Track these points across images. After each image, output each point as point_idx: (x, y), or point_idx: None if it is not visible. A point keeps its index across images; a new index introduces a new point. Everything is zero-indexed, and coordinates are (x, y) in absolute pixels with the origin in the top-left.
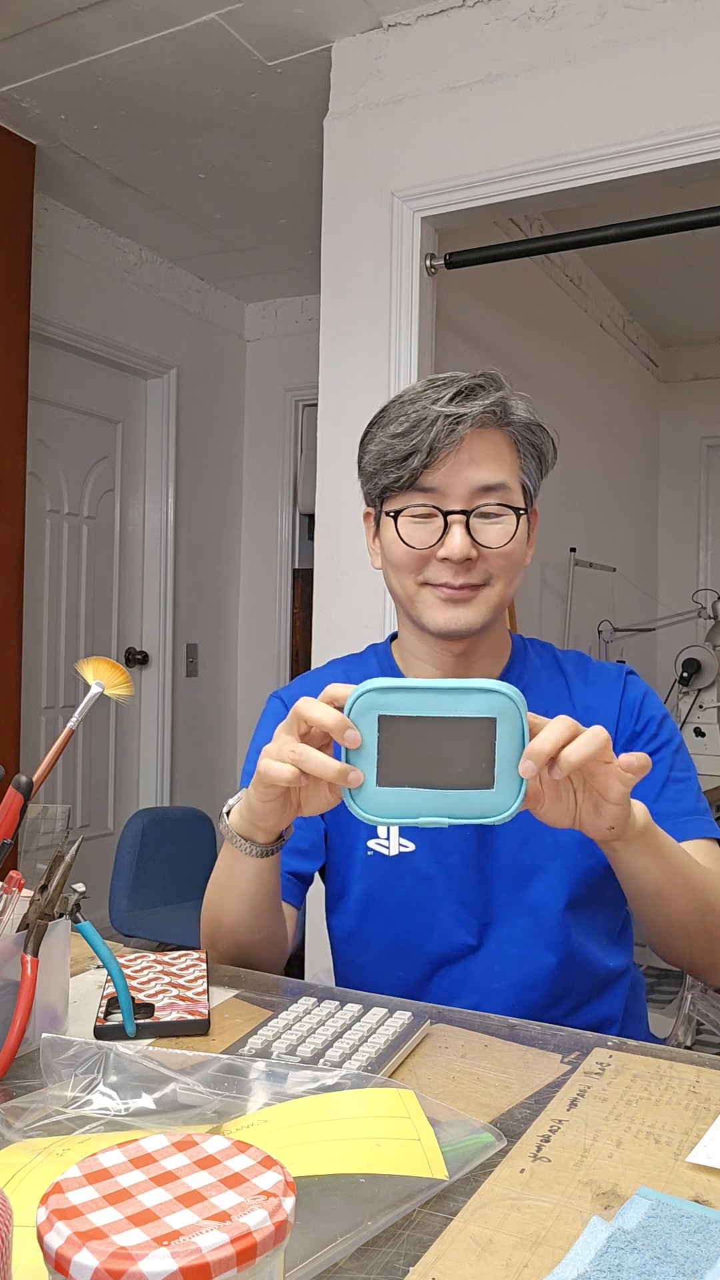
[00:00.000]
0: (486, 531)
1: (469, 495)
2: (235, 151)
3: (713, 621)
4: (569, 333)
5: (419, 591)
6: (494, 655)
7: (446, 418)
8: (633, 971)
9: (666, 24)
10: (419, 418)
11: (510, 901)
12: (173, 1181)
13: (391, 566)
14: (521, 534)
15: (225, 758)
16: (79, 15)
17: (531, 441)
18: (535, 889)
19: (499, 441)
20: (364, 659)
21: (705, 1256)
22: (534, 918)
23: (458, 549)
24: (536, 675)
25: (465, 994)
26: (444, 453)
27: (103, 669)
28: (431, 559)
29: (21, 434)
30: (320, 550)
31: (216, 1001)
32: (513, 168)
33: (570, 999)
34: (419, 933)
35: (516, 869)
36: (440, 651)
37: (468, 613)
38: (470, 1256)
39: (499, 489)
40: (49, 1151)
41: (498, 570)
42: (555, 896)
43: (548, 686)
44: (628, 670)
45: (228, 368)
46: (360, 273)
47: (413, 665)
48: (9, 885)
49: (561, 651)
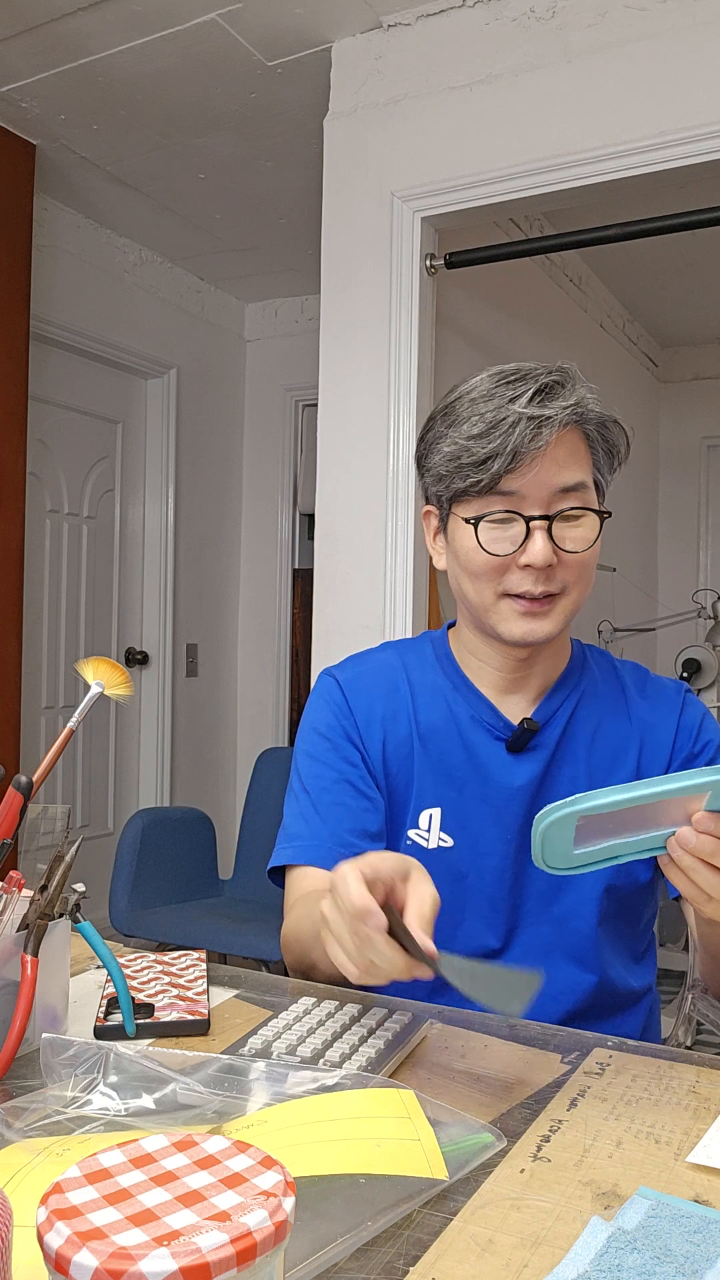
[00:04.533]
0: (568, 536)
1: (550, 499)
2: (235, 151)
3: (713, 621)
4: (569, 333)
5: (497, 602)
6: (555, 659)
7: (530, 420)
8: (652, 993)
9: (666, 24)
10: (498, 418)
11: (539, 909)
12: (173, 1181)
13: (468, 574)
14: (599, 538)
15: (225, 758)
16: (79, 15)
17: (606, 438)
18: (566, 901)
19: (576, 440)
20: (420, 648)
21: (705, 1256)
22: (560, 929)
23: (540, 556)
24: (595, 683)
25: None
26: (529, 457)
27: (103, 669)
28: (511, 566)
29: (21, 434)
30: (320, 550)
31: (216, 1001)
32: (513, 168)
33: (590, 1017)
34: (445, 930)
35: (550, 878)
36: (505, 656)
37: (545, 624)
38: (470, 1256)
39: (578, 489)
40: (49, 1151)
41: (574, 578)
42: (587, 911)
43: (605, 695)
44: (686, 689)
45: (228, 368)
46: (360, 273)
47: (470, 663)
48: (9, 885)
49: (619, 661)
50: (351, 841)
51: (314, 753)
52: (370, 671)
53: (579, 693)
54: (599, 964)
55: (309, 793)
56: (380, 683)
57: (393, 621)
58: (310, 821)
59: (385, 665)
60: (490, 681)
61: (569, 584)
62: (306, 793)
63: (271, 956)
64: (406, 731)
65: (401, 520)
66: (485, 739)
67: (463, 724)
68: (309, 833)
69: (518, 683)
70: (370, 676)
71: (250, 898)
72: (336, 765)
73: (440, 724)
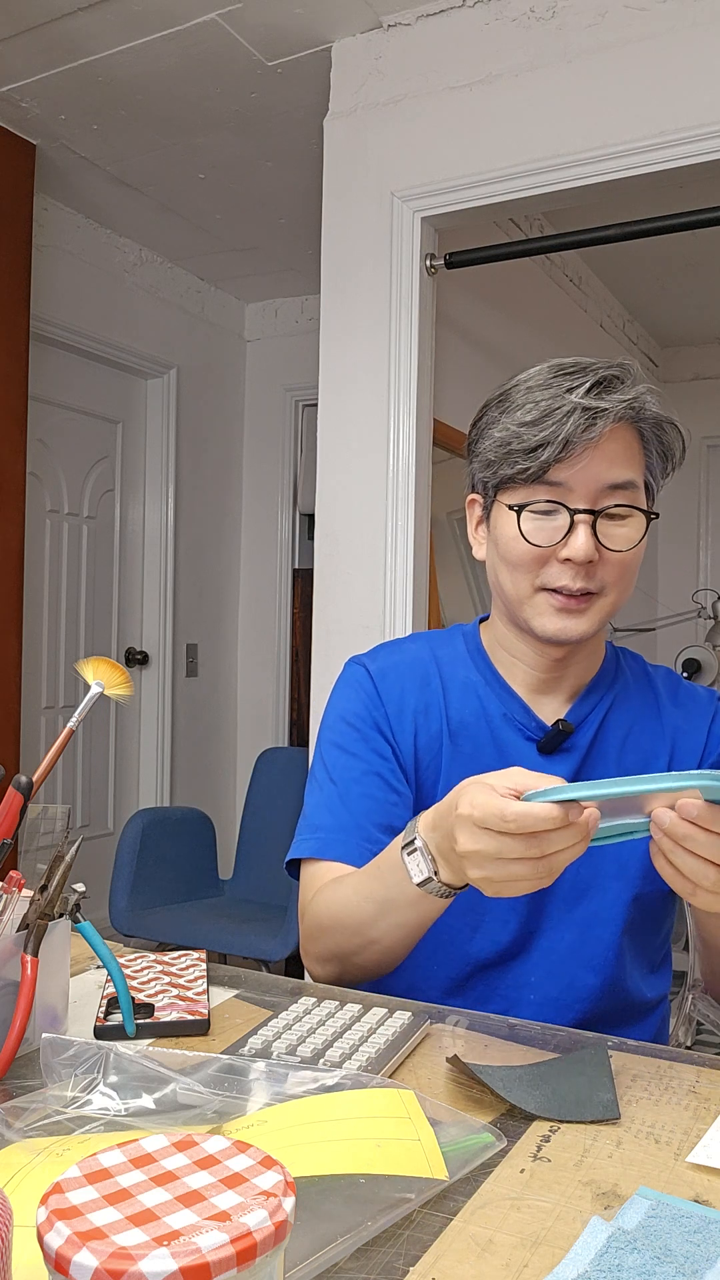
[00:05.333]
0: (612, 534)
1: (597, 494)
2: (235, 151)
3: (713, 621)
4: (569, 333)
5: (533, 596)
6: (589, 660)
7: (585, 410)
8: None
9: (666, 24)
10: (552, 406)
11: (561, 914)
12: (173, 1181)
13: (506, 563)
14: (644, 539)
15: (225, 758)
16: (79, 15)
17: (661, 439)
18: (589, 905)
19: (630, 438)
20: (451, 640)
21: (705, 1256)
22: (582, 935)
23: (582, 550)
24: (627, 687)
25: (495, 1000)
26: (580, 448)
27: (103, 669)
28: (551, 559)
29: (21, 434)
30: (320, 550)
31: (216, 1001)
32: (513, 168)
33: (605, 1024)
34: (464, 931)
35: (575, 882)
36: (540, 653)
37: (580, 623)
38: (470, 1256)
39: (627, 488)
40: (49, 1151)
41: (614, 579)
42: (611, 916)
43: (637, 700)
44: (718, 696)
45: (228, 368)
46: (360, 273)
47: (504, 659)
48: (9, 885)
49: (652, 666)
50: (377, 836)
51: (342, 743)
52: (402, 663)
53: (612, 695)
54: (616, 973)
55: (336, 783)
56: (413, 674)
57: (393, 621)
58: (336, 813)
59: (417, 657)
60: (523, 679)
61: (608, 584)
62: (334, 783)
63: (271, 956)
64: (438, 726)
65: (401, 520)
66: (516, 738)
67: (494, 722)
68: (334, 824)
69: (551, 683)
70: (402, 668)
71: (250, 898)
72: (366, 756)
73: (472, 720)
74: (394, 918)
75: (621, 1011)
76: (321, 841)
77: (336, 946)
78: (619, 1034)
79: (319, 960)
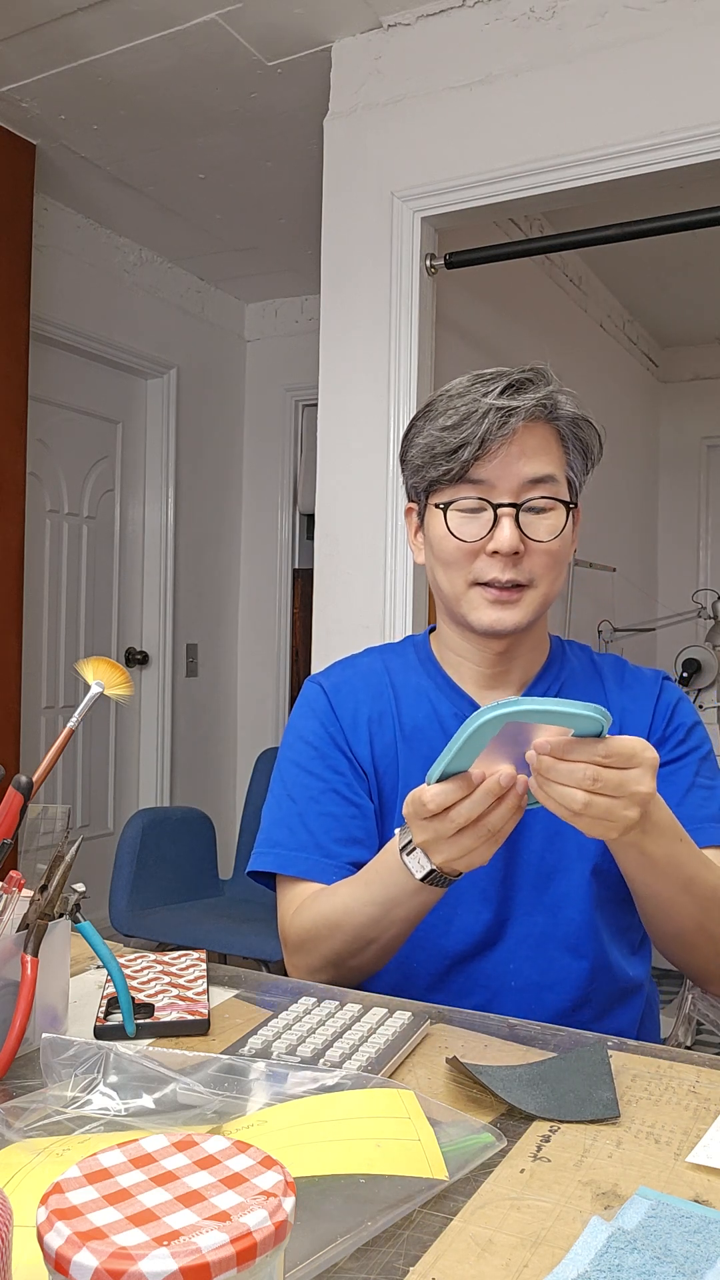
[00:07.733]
0: (535, 525)
1: (518, 488)
2: (235, 151)
3: (713, 621)
4: (569, 333)
5: (468, 591)
6: (534, 654)
7: (498, 410)
8: (649, 985)
9: (666, 24)
10: (469, 410)
11: (531, 900)
12: (173, 1181)
13: (441, 562)
14: (568, 528)
15: (225, 758)
16: (79, 15)
17: (578, 436)
18: (558, 888)
19: (547, 435)
20: (403, 650)
21: (705, 1256)
22: (554, 918)
23: (507, 542)
24: (574, 676)
25: (478, 991)
26: (495, 445)
27: (103, 669)
28: (480, 553)
29: (21, 434)
30: (320, 550)
31: (216, 1001)
32: (513, 168)
33: (592, 1007)
34: (439, 926)
35: (540, 867)
36: (482, 649)
37: (513, 613)
38: (470, 1256)
39: (547, 481)
40: (49, 1151)
41: (542, 570)
42: (579, 896)
43: (583, 687)
44: (664, 676)
45: (228, 368)
46: (360, 273)
47: (451, 660)
48: (9, 885)
49: (599, 655)
50: (336, 851)
51: (301, 761)
52: (355, 676)
53: (559, 684)
54: (595, 952)
55: (295, 801)
56: (366, 686)
57: (393, 621)
58: (295, 831)
59: (370, 668)
60: (471, 678)
61: (537, 575)
62: (293, 800)
63: (271, 956)
64: (392, 733)
65: (401, 520)
66: None
67: (446, 722)
68: (293, 842)
69: (498, 677)
70: (355, 681)
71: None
72: (324, 775)
73: (424, 723)
74: (396, 913)
75: (609, 991)
76: (280, 858)
77: (332, 952)
78: (607, 1016)
79: (310, 970)
